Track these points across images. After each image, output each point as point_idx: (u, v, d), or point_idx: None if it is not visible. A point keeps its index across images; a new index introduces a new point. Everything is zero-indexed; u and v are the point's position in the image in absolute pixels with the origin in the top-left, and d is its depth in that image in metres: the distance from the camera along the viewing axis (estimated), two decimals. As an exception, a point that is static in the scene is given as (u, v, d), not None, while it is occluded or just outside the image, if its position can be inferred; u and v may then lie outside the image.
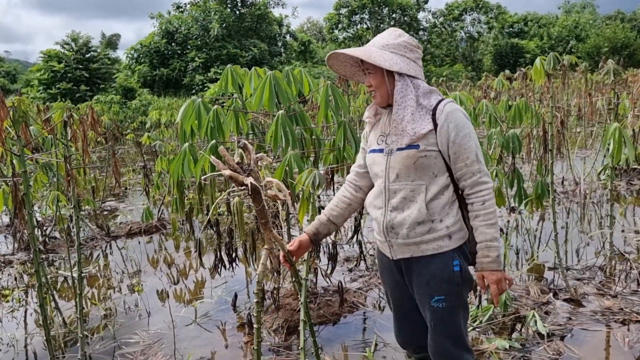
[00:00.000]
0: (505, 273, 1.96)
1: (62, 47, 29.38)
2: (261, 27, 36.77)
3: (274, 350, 3.23)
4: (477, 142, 1.90)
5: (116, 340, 3.53)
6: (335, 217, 2.22)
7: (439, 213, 1.93)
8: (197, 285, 4.52)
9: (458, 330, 2.04)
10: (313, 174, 2.79)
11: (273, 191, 2.05)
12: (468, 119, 1.93)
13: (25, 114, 2.09)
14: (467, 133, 1.89)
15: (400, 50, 1.94)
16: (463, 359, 2.08)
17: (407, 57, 1.95)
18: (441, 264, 1.94)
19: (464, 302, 2.04)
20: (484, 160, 1.92)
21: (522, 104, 4.57)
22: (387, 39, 1.97)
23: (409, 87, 1.91)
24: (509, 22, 43.94)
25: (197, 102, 3.39)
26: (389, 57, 1.92)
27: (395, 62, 1.90)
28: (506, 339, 3.07)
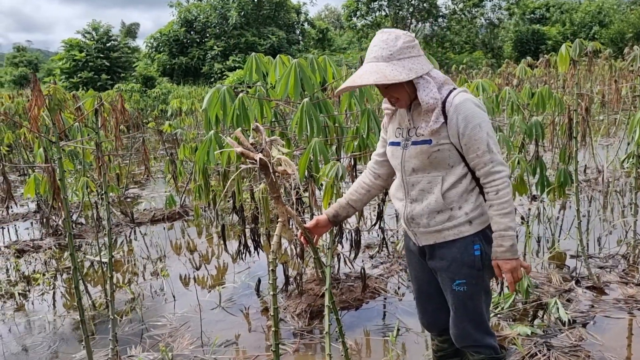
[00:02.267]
0: (522, 260, 1.96)
1: (83, 36, 29.75)
2: (279, 15, 36.69)
3: (298, 334, 3.30)
4: (489, 131, 1.89)
5: (144, 323, 3.63)
6: (354, 202, 2.28)
7: (457, 201, 1.97)
8: (221, 270, 4.61)
9: (479, 314, 2.08)
10: (337, 166, 2.84)
11: (282, 167, 2.16)
12: (480, 107, 1.92)
13: (60, 102, 2.16)
14: (477, 123, 1.88)
15: (405, 53, 1.91)
16: (484, 343, 2.12)
17: (414, 55, 1.92)
18: (462, 248, 1.98)
19: (485, 286, 2.08)
20: (498, 148, 1.91)
21: (546, 91, 4.54)
22: (387, 48, 1.92)
23: (429, 83, 1.91)
24: (531, 7, 43.16)
25: (222, 90, 3.43)
26: (400, 67, 1.89)
27: (410, 69, 1.89)
28: (528, 325, 3.09)
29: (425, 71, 1.91)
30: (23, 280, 4.53)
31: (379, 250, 4.43)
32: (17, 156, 10.01)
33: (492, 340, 2.16)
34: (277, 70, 3.18)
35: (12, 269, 4.84)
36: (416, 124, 2.00)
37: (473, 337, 2.10)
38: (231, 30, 34.33)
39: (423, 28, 44.18)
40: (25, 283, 4.45)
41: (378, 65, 1.91)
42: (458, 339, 2.15)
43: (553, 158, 6.70)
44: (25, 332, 3.59)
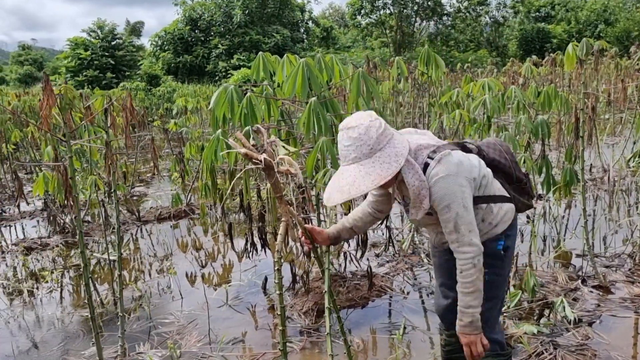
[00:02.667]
0: (482, 337, 2.00)
1: (88, 34, 29.82)
2: (284, 13, 36.68)
3: (305, 332, 3.32)
4: (459, 210, 1.89)
5: (152, 321, 3.65)
6: (358, 228, 2.36)
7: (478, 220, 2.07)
8: (226, 268, 4.64)
9: (494, 305, 2.18)
10: (329, 172, 2.88)
11: (285, 166, 2.22)
12: (453, 181, 1.89)
13: (71, 101, 2.18)
14: (446, 205, 1.90)
15: (383, 141, 1.84)
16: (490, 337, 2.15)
17: (389, 138, 1.86)
18: (487, 245, 2.06)
19: (504, 277, 2.21)
20: (467, 227, 1.91)
21: (552, 90, 4.54)
22: (364, 144, 1.83)
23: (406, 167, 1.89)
24: (536, 6, 42.97)
25: (229, 89, 3.45)
26: (387, 158, 1.83)
27: (396, 154, 1.84)
28: (534, 324, 3.10)
29: (406, 149, 1.87)
30: (32, 277, 4.57)
31: (385, 249, 4.45)
32: (23, 154, 10.07)
33: (500, 336, 2.21)
34: (285, 69, 3.19)
35: (20, 266, 4.88)
36: (407, 198, 2.07)
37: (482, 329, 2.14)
38: (236, 28, 34.35)
39: (427, 26, 44.13)
40: (34, 280, 4.48)
41: (365, 166, 1.84)
42: None
43: (559, 157, 6.70)
44: (34, 328, 3.62)
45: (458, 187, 1.91)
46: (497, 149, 2.22)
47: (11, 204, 7.42)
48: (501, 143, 2.25)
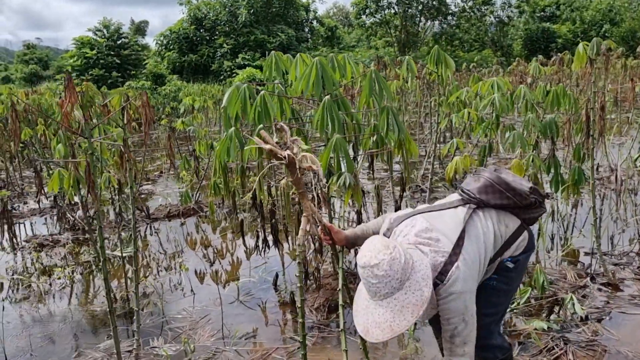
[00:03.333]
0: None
1: (94, 33, 29.93)
2: (288, 13, 36.71)
3: (316, 327, 3.36)
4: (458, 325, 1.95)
5: (164, 316, 3.70)
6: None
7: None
8: (236, 265, 4.67)
9: (495, 312, 2.23)
10: (344, 175, 2.93)
11: (307, 163, 2.29)
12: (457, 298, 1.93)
13: (92, 99, 2.23)
14: (447, 318, 1.97)
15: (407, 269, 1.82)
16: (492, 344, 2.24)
17: (407, 274, 1.82)
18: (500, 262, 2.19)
19: (511, 288, 2.28)
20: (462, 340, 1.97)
21: (560, 89, 4.56)
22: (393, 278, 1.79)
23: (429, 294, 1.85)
24: (541, 5, 42.84)
25: (242, 88, 3.49)
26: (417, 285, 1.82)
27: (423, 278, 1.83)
28: (544, 320, 3.14)
29: (429, 269, 1.87)
30: (44, 273, 4.62)
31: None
32: (31, 153, 10.14)
33: (500, 341, 2.28)
34: (298, 68, 3.23)
35: (34, 262, 4.93)
36: None
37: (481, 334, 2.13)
38: (241, 28, 34.40)
39: (432, 26, 44.08)
40: (47, 276, 4.54)
41: (398, 300, 1.81)
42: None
43: (565, 156, 6.71)
44: (48, 323, 3.68)
45: (462, 304, 1.94)
46: (495, 190, 2.19)
47: (20, 202, 7.50)
48: (492, 179, 2.20)
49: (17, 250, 5.36)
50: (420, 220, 2.11)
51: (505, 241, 2.18)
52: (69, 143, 3.18)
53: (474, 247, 2.04)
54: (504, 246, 2.18)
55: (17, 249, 5.38)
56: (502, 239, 2.18)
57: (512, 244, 2.20)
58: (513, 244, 2.20)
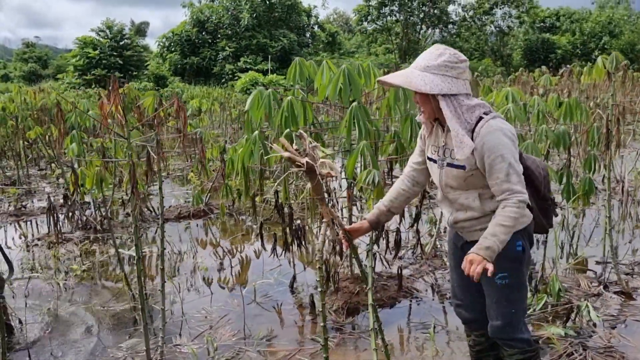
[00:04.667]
0: (487, 264, 2.00)
1: (97, 34, 29.98)
2: (291, 18, 36.89)
3: (336, 328, 3.42)
4: (511, 161, 1.98)
5: (184, 315, 3.75)
6: (395, 208, 2.45)
7: (492, 204, 2.12)
8: (249, 267, 4.73)
9: (516, 308, 2.25)
10: (372, 172, 2.98)
11: (326, 170, 2.35)
12: (506, 135, 2.01)
13: (133, 101, 2.29)
14: (500, 155, 1.99)
15: (441, 70, 2.02)
16: (518, 336, 2.26)
17: (448, 75, 2.02)
18: (506, 245, 2.08)
19: (524, 280, 2.26)
20: (517, 177, 2.00)
21: (573, 101, 4.65)
22: (428, 59, 2.05)
23: (450, 105, 2.03)
24: (541, 16, 43.21)
25: (265, 93, 3.56)
26: (429, 79, 2.01)
27: (435, 85, 2.00)
28: (560, 326, 3.20)
29: (450, 92, 2.01)
30: (61, 271, 4.65)
31: (414, 251, 4.55)
32: (34, 151, 10.17)
33: (527, 335, 2.30)
34: (325, 74, 3.30)
35: (49, 260, 4.97)
36: (449, 145, 2.14)
37: (508, 330, 2.25)
38: (243, 31, 34.54)
39: (433, 34, 44.34)
40: (64, 273, 4.57)
41: (412, 72, 2.06)
42: (495, 331, 2.29)
43: (574, 167, 6.80)
44: (67, 322, 3.71)
45: (510, 141, 2.01)
46: (535, 162, 2.28)
47: (28, 199, 7.52)
48: (541, 160, 2.33)
49: (30, 247, 5.40)
50: None
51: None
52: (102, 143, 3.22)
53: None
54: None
55: (30, 246, 5.42)
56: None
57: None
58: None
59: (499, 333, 2.28)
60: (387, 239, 3.94)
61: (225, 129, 11.59)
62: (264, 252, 4.85)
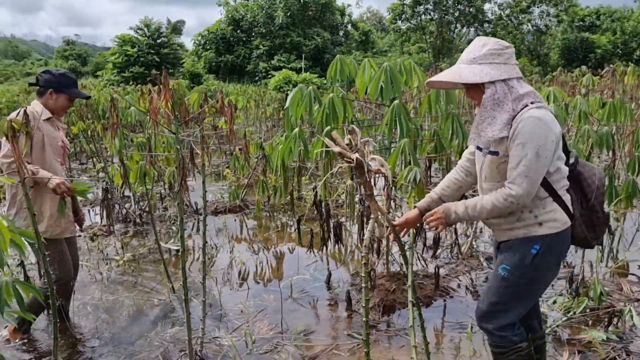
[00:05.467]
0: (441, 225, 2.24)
1: (135, 32, 30.62)
2: (324, 16, 36.91)
3: (372, 326, 3.44)
4: (530, 153, 1.94)
5: (221, 308, 3.82)
6: (446, 197, 2.44)
7: (526, 206, 2.10)
8: (284, 263, 4.78)
9: (506, 305, 2.20)
10: (414, 170, 2.98)
11: (376, 166, 2.35)
12: (541, 126, 1.96)
13: (182, 96, 2.35)
14: (522, 142, 1.96)
15: (488, 59, 2.05)
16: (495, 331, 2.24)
17: (496, 62, 2.04)
18: (524, 243, 2.13)
19: (524, 284, 2.17)
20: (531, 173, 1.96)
21: (618, 101, 4.55)
22: (473, 52, 2.08)
23: (497, 92, 2.03)
24: (580, 15, 42.07)
25: (306, 90, 3.61)
26: (477, 70, 2.04)
27: (486, 73, 2.03)
28: (601, 330, 3.15)
29: (501, 77, 2.02)
30: (105, 263, 4.79)
31: (451, 250, 4.53)
32: (77, 146, 10.47)
33: (508, 333, 2.23)
34: (366, 72, 3.32)
35: (92, 251, 5.13)
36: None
37: (486, 318, 2.25)
38: (277, 30, 34.75)
39: (467, 33, 43.71)
40: (106, 264, 4.71)
41: (459, 67, 2.10)
42: (477, 313, 2.32)
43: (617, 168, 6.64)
44: (112, 310, 3.83)
45: (543, 132, 1.96)
46: (592, 170, 2.19)
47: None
48: (600, 170, 2.22)
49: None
50: None
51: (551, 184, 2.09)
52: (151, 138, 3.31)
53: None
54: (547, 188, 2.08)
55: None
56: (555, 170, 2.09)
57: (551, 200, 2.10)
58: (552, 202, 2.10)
59: (478, 316, 2.30)
60: (425, 238, 3.93)
61: (259, 127, 11.71)
62: (299, 248, 4.91)
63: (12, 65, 51.87)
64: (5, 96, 14.03)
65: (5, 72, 48.03)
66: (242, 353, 3.17)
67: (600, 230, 2.21)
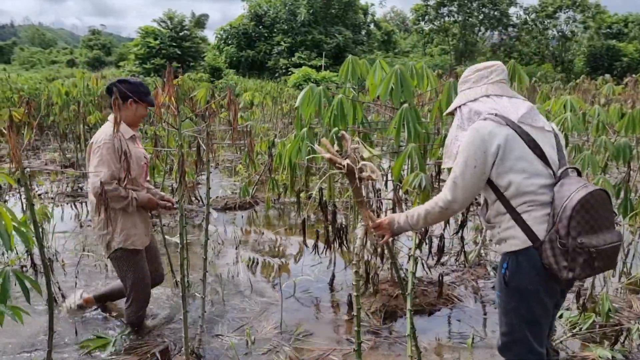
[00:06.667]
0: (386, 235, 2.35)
1: (158, 24, 30.87)
2: (347, 15, 36.83)
3: (372, 332, 3.40)
4: (461, 163, 2.02)
5: (224, 304, 3.81)
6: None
7: (494, 220, 2.12)
8: (290, 262, 4.76)
9: (507, 328, 2.12)
10: (420, 176, 2.92)
11: (367, 172, 2.32)
12: (475, 137, 1.99)
13: (187, 92, 2.33)
14: (459, 152, 2.06)
15: (459, 87, 2.27)
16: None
17: (461, 89, 2.25)
18: (500, 262, 2.12)
19: (513, 307, 2.07)
20: (459, 180, 2.03)
21: (637, 112, 4.43)
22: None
23: (459, 117, 2.19)
24: (608, 22, 41.35)
25: (317, 90, 3.56)
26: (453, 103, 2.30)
27: (453, 103, 2.27)
28: (607, 348, 3.06)
29: (461, 103, 2.19)
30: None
31: (457, 258, 4.47)
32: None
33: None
34: (377, 74, 3.27)
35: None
36: None
37: (501, 346, 2.19)
38: (299, 27, 34.77)
39: (491, 36, 43.26)
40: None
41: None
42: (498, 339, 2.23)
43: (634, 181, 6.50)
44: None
45: (474, 142, 2.00)
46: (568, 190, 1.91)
47: (85, 182, 7.83)
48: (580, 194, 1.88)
49: (84, 227, 5.62)
50: None
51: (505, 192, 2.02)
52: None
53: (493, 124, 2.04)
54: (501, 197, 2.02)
55: (83, 227, 5.64)
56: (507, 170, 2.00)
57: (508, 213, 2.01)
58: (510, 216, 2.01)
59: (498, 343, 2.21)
60: (430, 245, 3.87)
61: (275, 123, 11.70)
62: (305, 248, 4.88)
63: (38, 53, 52.72)
64: (28, 83, 14.23)
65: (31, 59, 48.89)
66: (241, 353, 3.15)
67: (574, 261, 1.89)
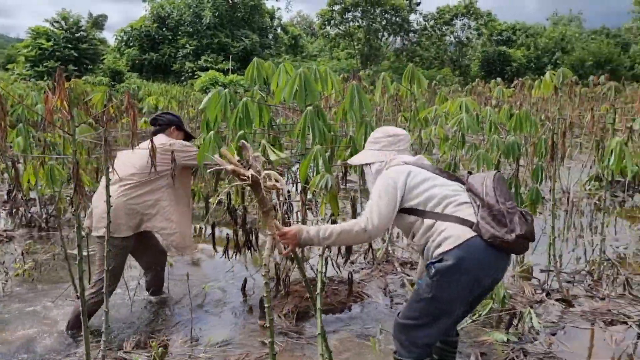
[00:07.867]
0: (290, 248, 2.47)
1: (51, 24, 28.89)
2: (253, 18, 36.63)
3: (285, 333, 3.40)
4: (373, 195, 2.38)
5: (132, 319, 3.65)
6: None
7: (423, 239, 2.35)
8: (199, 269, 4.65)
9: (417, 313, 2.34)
10: (325, 177, 2.98)
11: (271, 182, 2.35)
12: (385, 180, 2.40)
13: (79, 96, 2.22)
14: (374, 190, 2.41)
15: (368, 146, 2.63)
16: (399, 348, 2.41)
17: (370, 149, 2.61)
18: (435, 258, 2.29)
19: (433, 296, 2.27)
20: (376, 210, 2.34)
21: (524, 113, 4.79)
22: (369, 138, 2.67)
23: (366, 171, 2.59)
24: (498, 29, 44.41)
25: (223, 92, 3.52)
26: (361, 156, 2.66)
27: (362, 157, 2.63)
28: (503, 332, 3.29)
29: (367, 162, 2.58)
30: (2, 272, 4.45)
31: (365, 256, 4.59)
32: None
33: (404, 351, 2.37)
34: (281, 77, 3.29)
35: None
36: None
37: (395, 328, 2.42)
38: (205, 29, 34.08)
39: (394, 41, 45.01)
40: (4, 274, 4.38)
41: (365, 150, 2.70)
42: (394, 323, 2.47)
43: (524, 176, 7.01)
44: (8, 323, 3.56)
45: (385, 181, 2.39)
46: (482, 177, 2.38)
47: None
48: (492, 173, 2.38)
49: (-31, 245, 5.16)
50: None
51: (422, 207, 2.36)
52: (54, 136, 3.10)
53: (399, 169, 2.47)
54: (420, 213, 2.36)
55: (-31, 244, 5.18)
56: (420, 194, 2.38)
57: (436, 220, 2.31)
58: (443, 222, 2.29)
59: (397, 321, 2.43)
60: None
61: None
62: (215, 254, 4.79)
63: None
64: None
65: None
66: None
67: (509, 221, 2.20)
